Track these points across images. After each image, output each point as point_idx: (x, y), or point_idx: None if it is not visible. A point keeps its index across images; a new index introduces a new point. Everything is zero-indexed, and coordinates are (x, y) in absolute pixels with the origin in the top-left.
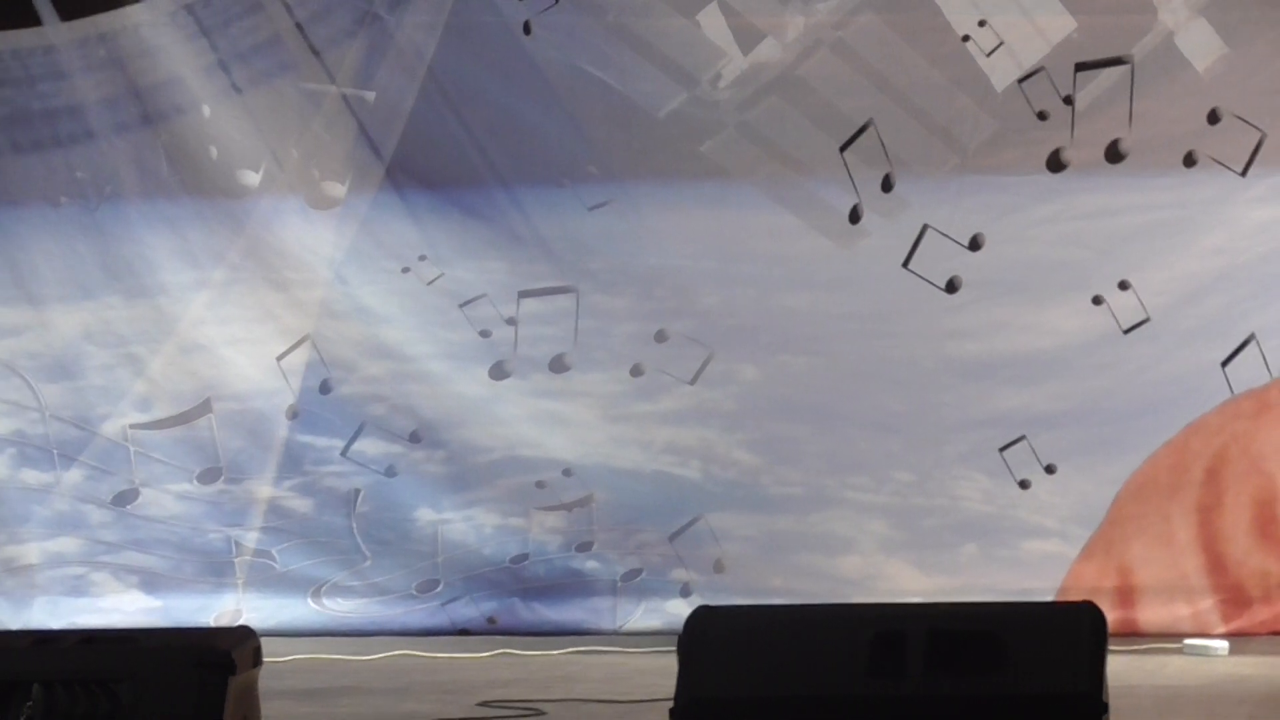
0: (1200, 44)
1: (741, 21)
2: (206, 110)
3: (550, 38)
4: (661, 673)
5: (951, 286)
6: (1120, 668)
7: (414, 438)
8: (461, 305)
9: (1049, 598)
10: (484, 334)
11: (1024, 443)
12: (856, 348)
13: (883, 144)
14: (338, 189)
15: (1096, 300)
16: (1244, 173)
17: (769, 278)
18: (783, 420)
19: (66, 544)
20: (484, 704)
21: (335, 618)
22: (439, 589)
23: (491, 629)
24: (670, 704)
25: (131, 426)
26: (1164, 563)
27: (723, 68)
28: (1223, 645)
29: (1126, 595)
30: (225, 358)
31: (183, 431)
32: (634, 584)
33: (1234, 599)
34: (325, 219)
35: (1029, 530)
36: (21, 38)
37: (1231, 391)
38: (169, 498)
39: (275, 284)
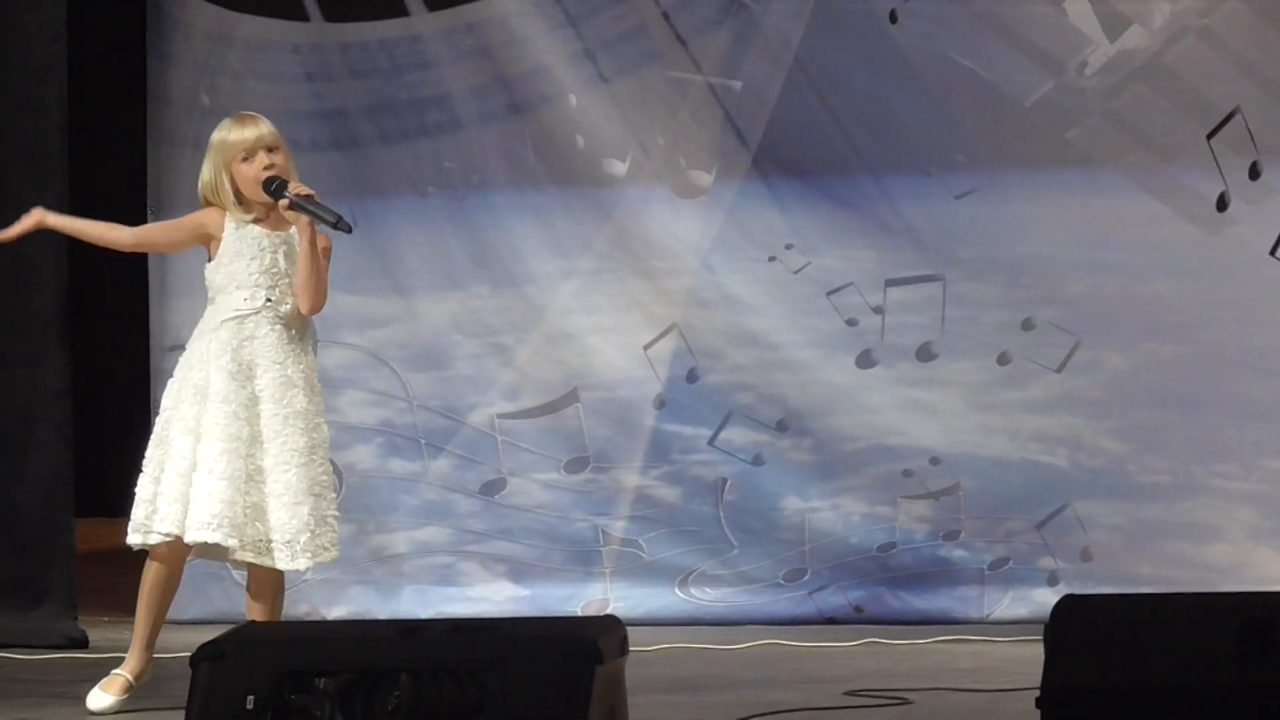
0: None
1: (1108, 8)
2: (573, 99)
3: (916, 26)
4: (1028, 661)
5: None
6: None
7: (781, 426)
8: (828, 294)
9: None
10: (851, 322)
11: None
12: (1224, 336)
13: (1250, 131)
14: (704, 178)
15: None
16: None
17: (1136, 265)
18: (1150, 408)
19: (434, 533)
20: (850, 693)
21: (702, 607)
22: (806, 577)
23: (858, 618)
24: (1036, 693)
25: (499, 416)
26: None
27: (1089, 55)
28: None
29: None
30: (593, 347)
31: (550, 421)
32: (1001, 572)
33: None
34: (692, 208)
35: None
36: (389, 28)
37: None
38: (536, 487)
39: (642, 273)
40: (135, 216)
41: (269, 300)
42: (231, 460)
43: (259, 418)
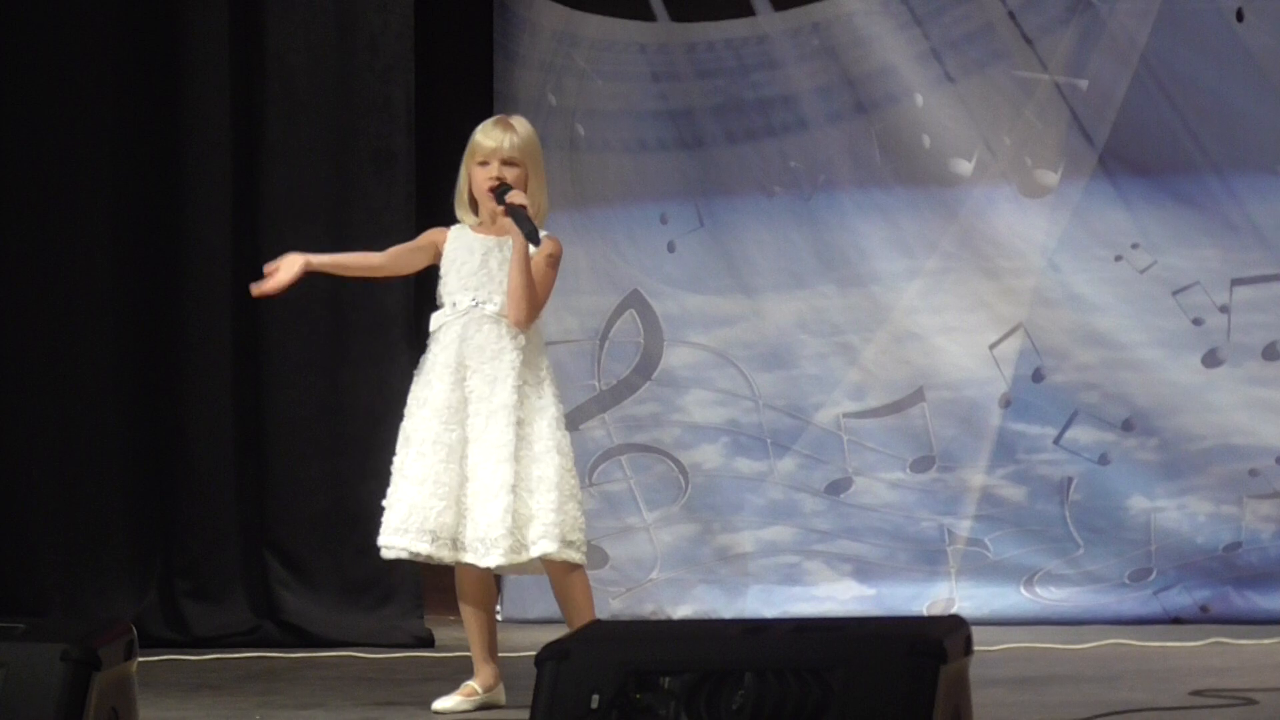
0: None
1: None
2: (919, 99)
3: (1263, 24)
4: None
5: None
6: None
7: (1126, 425)
8: (1174, 293)
9: None
10: (1196, 322)
11: None
12: None
13: None
14: (1050, 177)
15: None
16: None
17: None
18: None
19: (780, 532)
20: (1195, 693)
21: (1047, 606)
22: (1152, 577)
23: (1204, 617)
24: None
25: (845, 415)
26: None
27: None
28: None
29: None
30: (938, 346)
31: (896, 420)
32: None
33: None
34: (1038, 207)
35: None
36: (735, 28)
37: None
38: (882, 486)
39: (988, 272)
40: None
41: (475, 302)
42: (429, 465)
43: (469, 418)
